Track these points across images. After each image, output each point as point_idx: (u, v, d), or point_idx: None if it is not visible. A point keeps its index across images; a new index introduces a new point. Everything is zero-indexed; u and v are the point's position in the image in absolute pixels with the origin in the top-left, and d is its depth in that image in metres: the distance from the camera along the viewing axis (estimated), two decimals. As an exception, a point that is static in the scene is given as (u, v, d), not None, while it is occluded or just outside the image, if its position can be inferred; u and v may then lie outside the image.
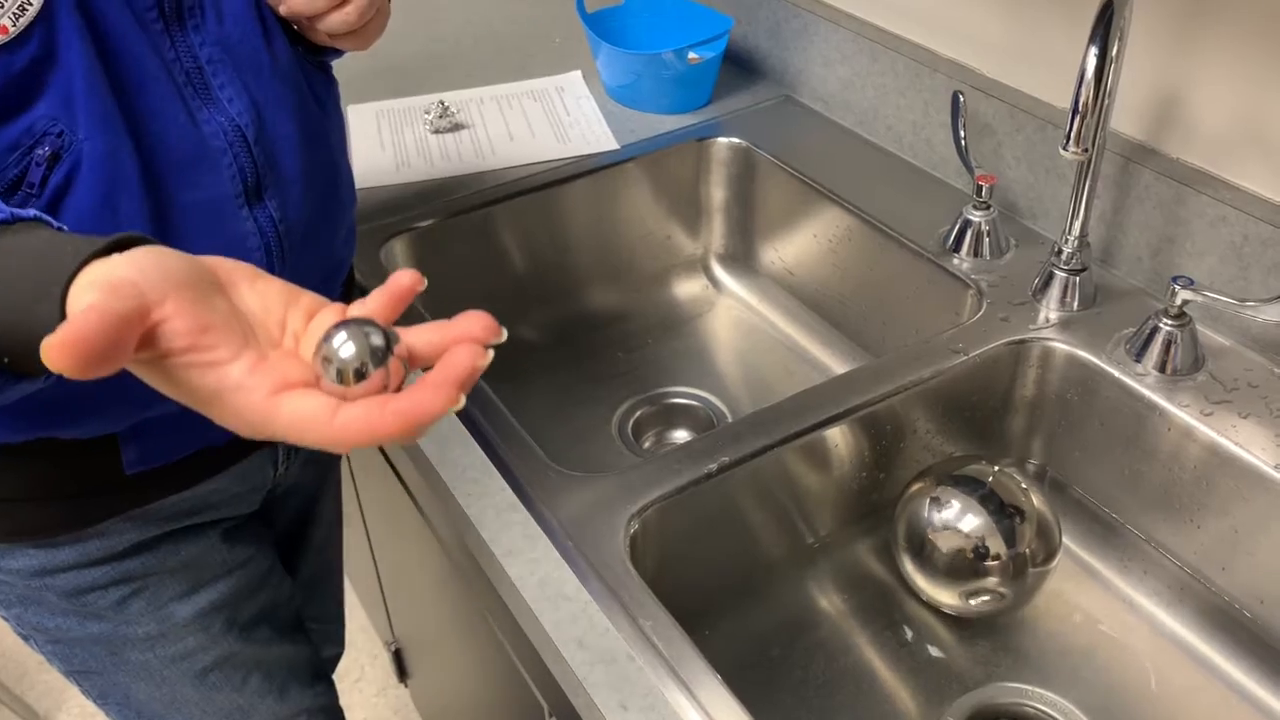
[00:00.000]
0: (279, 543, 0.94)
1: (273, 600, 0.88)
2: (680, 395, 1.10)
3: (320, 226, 0.74)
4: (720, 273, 1.23)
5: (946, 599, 0.81)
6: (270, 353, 0.42)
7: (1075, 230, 0.86)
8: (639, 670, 0.63)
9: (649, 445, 1.07)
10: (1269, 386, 0.80)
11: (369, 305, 0.44)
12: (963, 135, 0.96)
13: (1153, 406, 0.81)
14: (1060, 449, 0.90)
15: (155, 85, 0.62)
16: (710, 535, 0.80)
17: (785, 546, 0.88)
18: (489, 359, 0.41)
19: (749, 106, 1.21)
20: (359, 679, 1.73)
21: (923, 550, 0.80)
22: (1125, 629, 0.83)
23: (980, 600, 0.79)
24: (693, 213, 1.21)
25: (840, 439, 0.83)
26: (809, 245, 1.11)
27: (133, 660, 0.80)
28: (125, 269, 0.41)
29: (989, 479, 0.80)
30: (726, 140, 1.16)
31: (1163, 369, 0.81)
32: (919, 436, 0.88)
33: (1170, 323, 0.81)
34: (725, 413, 1.08)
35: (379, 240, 1.00)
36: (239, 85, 0.66)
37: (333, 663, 1.13)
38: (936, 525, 0.79)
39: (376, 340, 0.41)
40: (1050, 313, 0.88)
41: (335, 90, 0.79)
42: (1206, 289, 0.78)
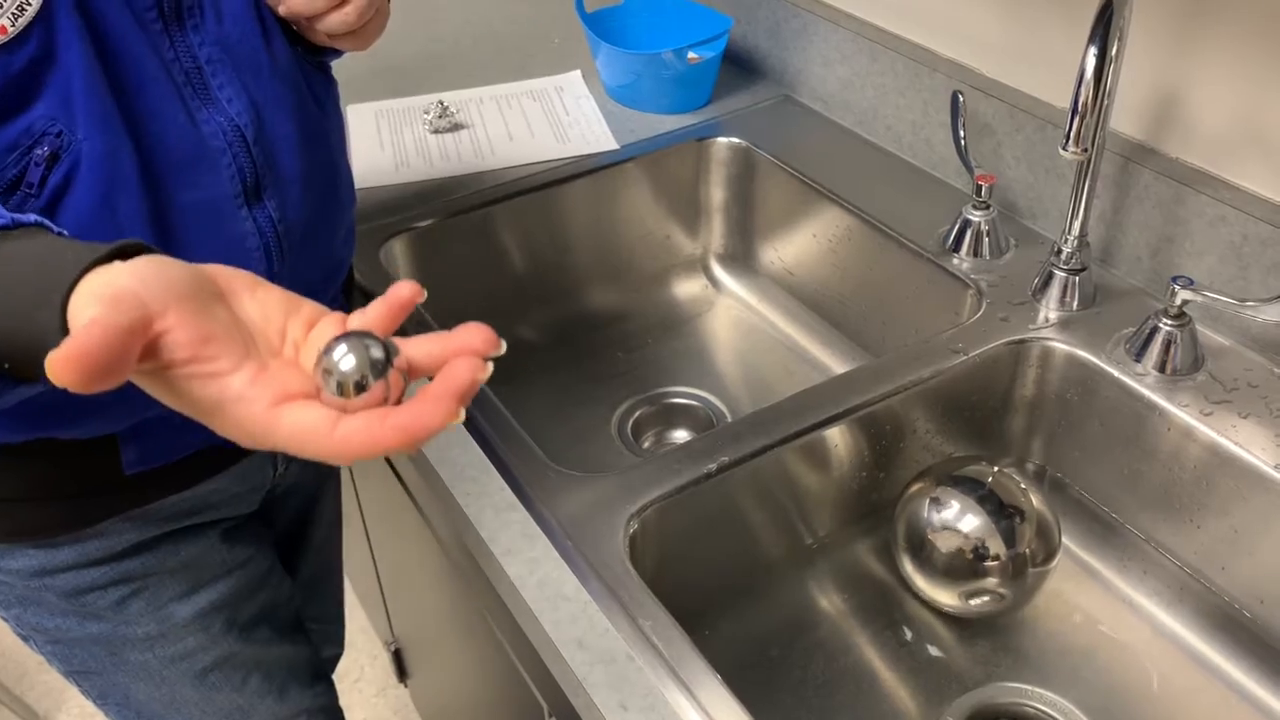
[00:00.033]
0: (279, 543, 0.94)
1: (272, 600, 0.88)
2: (680, 395, 1.10)
3: (319, 226, 0.74)
4: (720, 272, 1.23)
5: (946, 599, 0.81)
6: (271, 363, 0.42)
7: (1075, 230, 0.86)
8: (639, 670, 0.63)
9: (649, 445, 1.07)
10: (1269, 386, 0.80)
11: (369, 316, 0.45)
12: (962, 135, 0.96)
13: (1152, 406, 0.81)
14: (1060, 449, 0.90)
15: (154, 85, 0.62)
16: (710, 535, 0.80)
17: (785, 546, 0.88)
18: (488, 372, 0.41)
19: (748, 106, 1.21)
20: (359, 679, 1.73)
21: (922, 550, 0.80)
22: (1125, 629, 0.83)
23: (980, 600, 0.79)
24: (692, 213, 1.20)
25: (840, 439, 0.83)
26: (809, 245, 1.11)
27: (132, 660, 0.80)
28: (127, 279, 0.41)
29: (989, 479, 0.80)
30: (726, 140, 1.16)
31: (1162, 369, 0.81)
32: (919, 436, 0.88)
33: (1170, 322, 0.81)
34: (725, 413, 1.08)
35: (378, 240, 1.00)
36: (238, 85, 0.66)
37: (332, 663, 1.13)
38: (936, 525, 0.79)
39: (376, 353, 0.41)
40: (1050, 312, 0.88)
41: (335, 90, 0.79)
42: (1206, 289, 0.78)
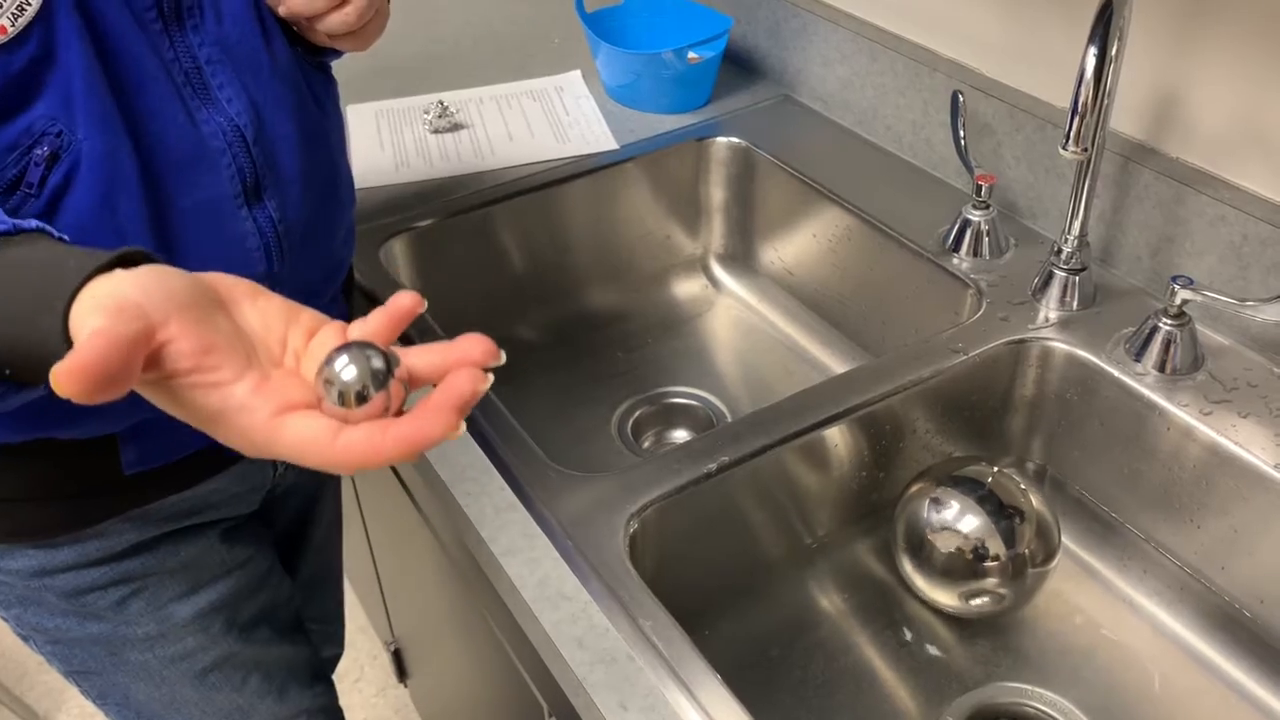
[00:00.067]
0: (279, 543, 0.94)
1: (272, 601, 0.88)
2: (680, 395, 1.10)
3: (319, 226, 0.74)
4: (720, 272, 1.23)
5: (946, 599, 0.81)
6: (273, 373, 0.42)
7: (1075, 230, 0.86)
8: (639, 670, 0.63)
9: (648, 445, 1.07)
10: (1268, 386, 0.80)
11: (369, 325, 0.45)
12: (962, 135, 0.96)
13: (1152, 406, 0.81)
14: (1060, 448, 0.90)
15: (154, 85, 0.62)
16: (710, 535, 0.80)
17: (785, 546, 0.88)
18: (488, 383, 0.42)
19: (748, 106, 1.21)
20: (359, 679, 1.73)
21: (922, 550, 0.80)
22: (1125, 629, 0.83)
23: (980, 601, 0.79)
24: (692, 212, 1.20)
25: (840, 439, 0.83)
26: (808, 245, 1.11)
27: (132, 660, 0.80)
28: (129, 289, 0.41)
29: (988, 480, 0.80)
30: (726, 140, 1.16)
31: (1162, 368, 0.81)
32: (918, 436, 0.88)
33: (1170, 322, 0.81)
34: (725, 412, 1.08)
35: (378, 240, 1.00)
36: (238, 85, 0.66)
37: (332, 663, 1.13)
38: (936, 526, 0.79)
39: (377, 363, 0.41)
40: (1050, 312, 0.88)
41: (335, 90, 0.79)
42: (1206, 288, 0.78)
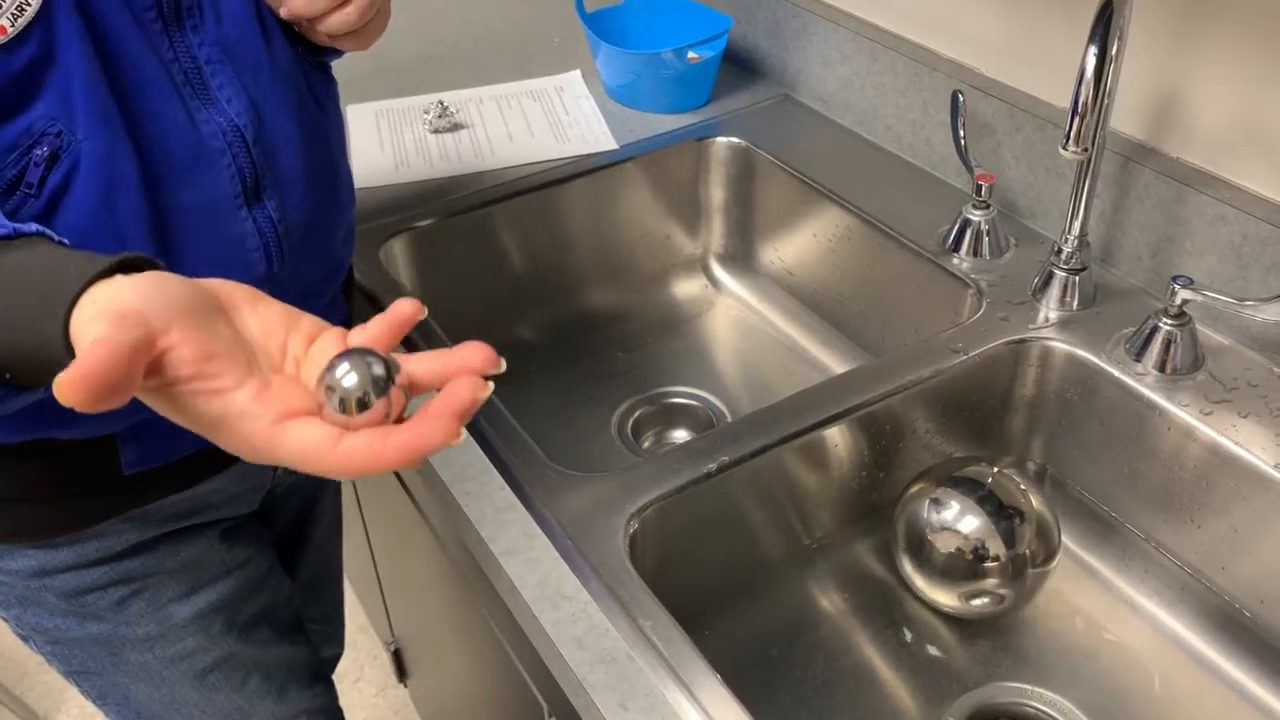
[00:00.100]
0: (278, 543, 0.94)
1: (272, 601, 0.88)
2: (680, 395, 1.10)
3: (319, 227, 0.74)
4: (720, 272, 1.23)
5: (946, 600, 0.81)
6: (273, 379, 0.43)
7: (1075, 230, 0.86)
8: (639, 670, 0.63)
9: (648, 445, 1.07)
10: (1268, 386, 0.80)
11: (369, 332, 0.45)
12: (962, 135, 0.96)
13: (1152, 406, 0.81)
14: (1060, 448, 0.90)
15: (154, 86, 0.62)
16: (710, 535, 0.80)
17: (785, 546, 0.88)
18: (489, 391, 0.42)
19: (748, 106, 1.21)
20: (359, 679, 1.73)
21: (922, 551, 0.80)
22: (1125, 628, 0.83)
23: (980, 601, 0.79)
24: (692, 212, 1.20)
25: (840, 439, 0.83)
26: (808, 245, 1.11)
27: (132, 661, 0.80)
28: (130, 296, 0.41)
29: (988, 480, 0.80)
30: (726, 140, 1.16)
31: (1162, 368, 0.81)
32: (918, 436, 0.88)
33: (1170, 322, 0.81)
34: (725, 412, 1.08)
35: (378, 240, 1.00)
36: (238, 86, 0.66)
37: (332, 663, 1.13)
38: (936, 526, 0.79)
39: (378, 370, 0.41)
40: (1050, 312, 0.88)
41: (335, 90, 0.79)
42: (1206, 288, 0.78)
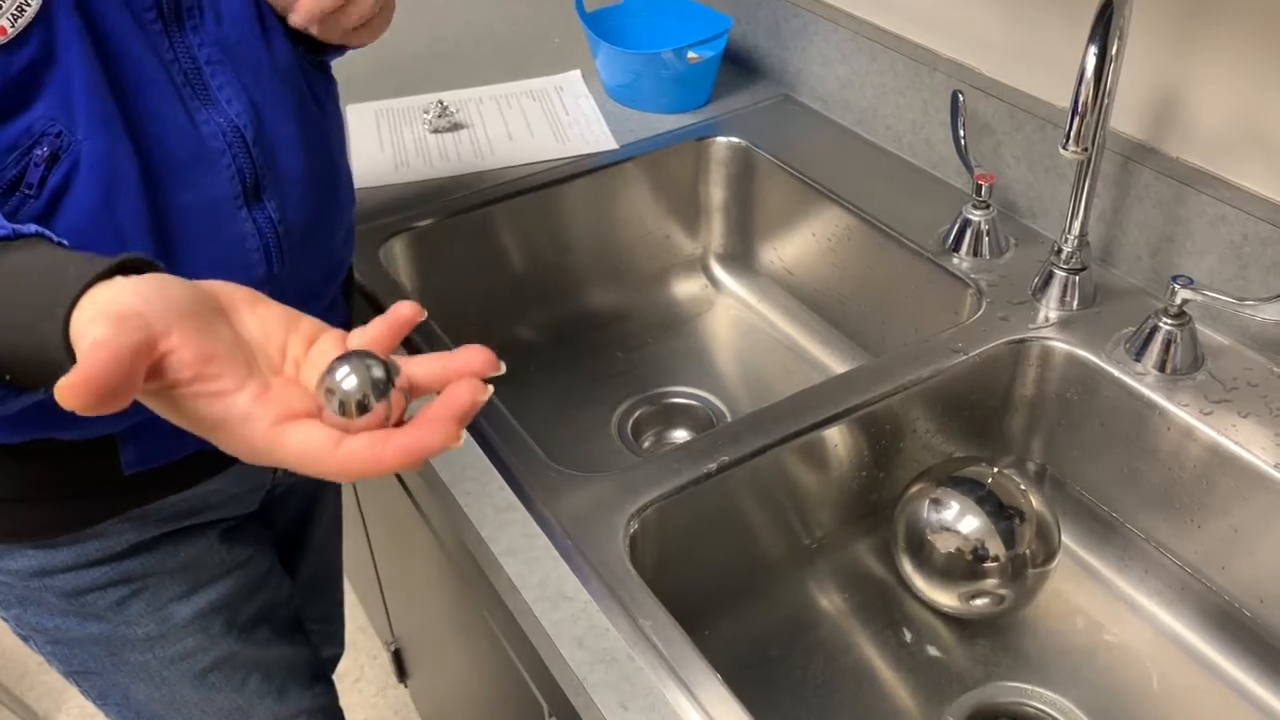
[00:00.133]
0: (278, 543, 0.94)
1: (272, 601, 0.88)
2: (680, 395, 1.10)
3: (319, 227, 0.74)
4: (719, 272, 1.23)
5: (946, 600, 0.81)
6: (273, 381, 0.43)
7: (1075, 229, 0.86)
8: (639, 670, 0.63)
9: (648, 445, 1.07)
10: (1268, 385, 0.80)
11: (369, 334, 0.45)
12: (962, 134, 0.96)
13: (1152, 406, 0.81)
14: (1060, 448, 0.90)
15: (154, 86, 0.62)
16: (710, 535, 0.80)
17: (785, 546, 0.88)
18: (489, 393, 0.42)
19: (748, 106, 1.21)
20: (359, 679, 1.73)
21: (922, 551, 0.80)
22: (1125, 628, 0.83)
23: (980, 601, 0.79)
24: (692, 212, 1.20)
25: (839, 439, 0.83)
26: (808, 245, 1.11)
27: (132, 661, 0.80)
28: (129, 298, 0.41)
29: (988, 480, 0.80)
30: (725, 140, 1.16)
31: (1162, 368, 0.81)
32: (918, 436, 0.88)
33: (1170, 322, 0.81)
34: (725, 412, 1.08)
35: (378, 240, 1.00)
36: (238, 86, 0.66)
37: (332, 663, 1.13)
38: (936, 526, 0.79)
39: (378, 373, 0.42)
40: (1050, 312, 0.88)
41: (334, 90, 0.79)
42: (1206, 288, 0.78)
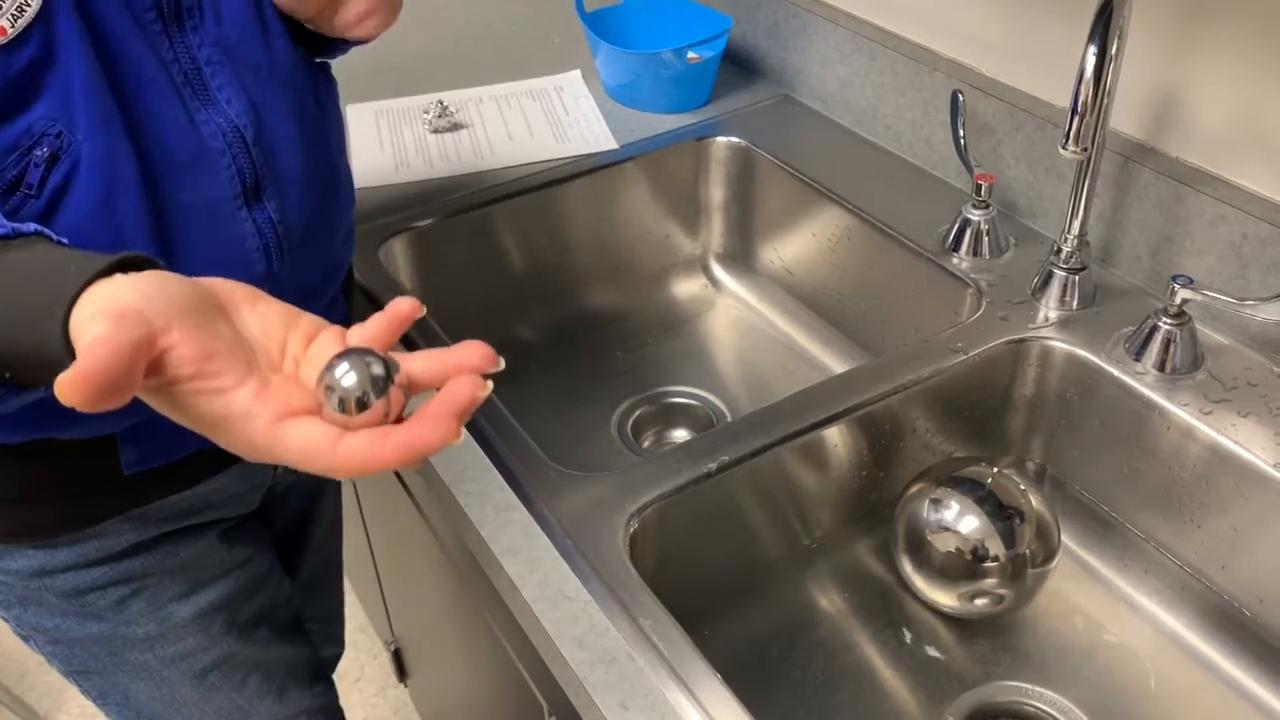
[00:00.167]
0: (278, 543, 0.94)
1: (272, 600, 0.88)
2: (680, 395, 1.10)
3: (319, 227, 0.74)
4: (719, 272, 1.23)
5: (946, 600, 0.81)
6: (273, 378, 0.43)
7: (1074, 229, 0.86)
8: (639, 670, 0.63)
9: (648, 444, 1.07)
10: (1268, 385, 0.80)
11: (368, 330, 0.45)
12: (962, 134, 0.96)
13: (1152, 405, 0.81)
14: (1060, 448, 0.90)
15: (153, 86, 0.62)
16: (710, 535, 0.80)
17: (784, 546, 0.88)
18: (488, 389, 0.42)
19: (748, 106, 1.21)
20: (359, 679, 1.73)
21: (922, 551, 0.80)
22: (1125, 628, 0.83)
23: (980, 601, 0.79)
24: (692, 212, 1.20)
25: (839, 438, 0.83)
26: (808, 244, 1.11)
27: (132, 660, 0.80)
28: (129, 295, 0.41)
29: (988, 480, 0.80)
30: (725, 140, 1.16)
31: (1162, 368, 0.81)
32: (918, 436, 0.88)
33: (1169, 321, 0.81)
34: (725, 412, 1.08)
35: (378, 240, 1.00)
36: (238, 86, 0.66)
37: (332, 663, 1.13)
38: (935, 526, 0.79)
39: (377, 370, 0.42)
40: (1050, 312, 0.88)
41: (335, 90, 0.79)
42: (1206, 288, 0.78)
